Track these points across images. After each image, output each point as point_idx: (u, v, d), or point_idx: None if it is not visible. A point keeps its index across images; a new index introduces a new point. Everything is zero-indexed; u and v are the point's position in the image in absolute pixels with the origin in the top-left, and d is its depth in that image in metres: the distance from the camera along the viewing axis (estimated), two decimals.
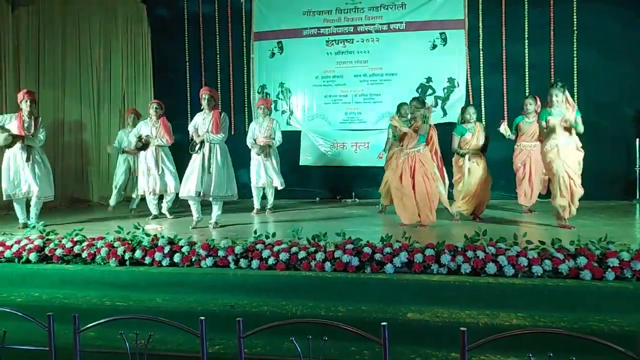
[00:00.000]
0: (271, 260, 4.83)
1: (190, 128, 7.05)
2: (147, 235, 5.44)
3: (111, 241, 5.33)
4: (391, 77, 10.30)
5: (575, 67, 9.35)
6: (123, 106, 10.58)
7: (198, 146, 6.87)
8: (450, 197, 7.30)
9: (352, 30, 10.48)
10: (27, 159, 7.13)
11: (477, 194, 7.05)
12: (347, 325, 2.50)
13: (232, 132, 10.47)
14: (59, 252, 5.33)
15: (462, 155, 7.08)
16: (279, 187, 8.39)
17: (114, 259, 5.14)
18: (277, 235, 5.25)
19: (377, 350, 2.46)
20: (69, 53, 9.97)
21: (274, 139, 8.34)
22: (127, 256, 5.14)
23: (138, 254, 5.14)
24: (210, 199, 6.89)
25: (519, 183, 7.69)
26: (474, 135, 7.08)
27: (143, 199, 8.34)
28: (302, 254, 4.80)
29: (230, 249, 5.00)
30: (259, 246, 4.99)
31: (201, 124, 6.96)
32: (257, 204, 8.60)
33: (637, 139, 9.11)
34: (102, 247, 5.25)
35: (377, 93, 10.37)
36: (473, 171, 7.05)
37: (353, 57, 10.51)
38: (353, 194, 10.33)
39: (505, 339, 2.37)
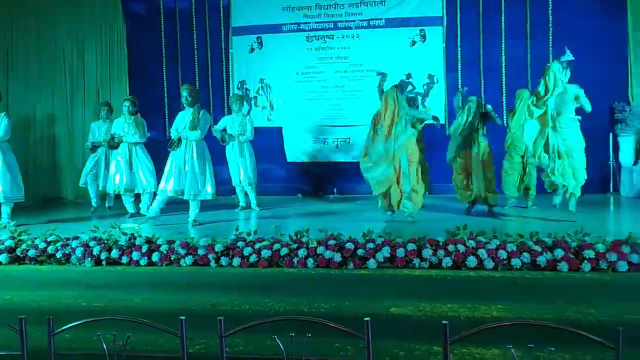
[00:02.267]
0: (253, 258, 4.81)
1: (173, 131, 6.99)
2: (124, 234, 5.36)
3: (87, 241, 5.24)
4: (371, 73, 10.24)
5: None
6: (97, 100, 10.36)
7: (176, 143, 6.82)
8: None
9: (332, 27, 10.43)
10: None
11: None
12: (330, 321, 2.49)
13: (211, 128, 10.38)
14: (31, 252, 5.24)
15: None
16: (249, 185, 8.34)
17: (89, 258, 5.07)
18: (258, 232, 5.22)
19: (361, 346, 2.46)
20: (41, 46, 9.76)
21: (243, 134, 8.29)
22: (103, 256, 5.07)
23: (115, 253, 5.08)
24: (186, 197, 6.82)
25: None
26: None
27: (119, 196, 8.20)
28: (284, 251, 4.80)
29: (210, 247, 4.96)
30: (240, 244, 4.96)
31: (181, 122, 6.92)
32: (241, 201, 8.58)
33: (611, 134, 9.26)
34: (77, 247, 5.17)
35: (358, 89, 10.34)
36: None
37: (333, 53, 10.47)
38: (335, 189, 10.31)
39: (486, 331, 2.39)
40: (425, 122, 7.93)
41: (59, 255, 5.20)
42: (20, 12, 9.45)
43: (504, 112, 9.25)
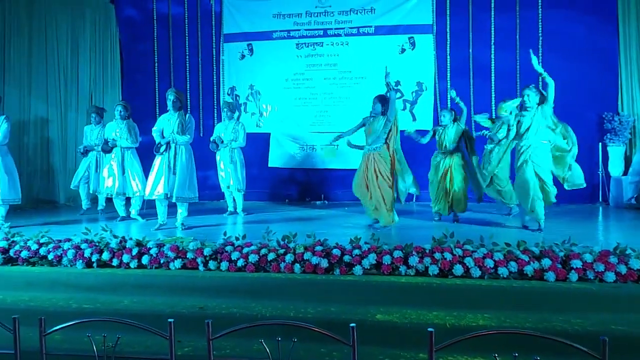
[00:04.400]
0: (241, 262, 4.82)
1: (155, 133, 6.96)
2: (115, 237, 5.37)
3: (78, 243, 5.25)
4: (360, 80, 10.38)
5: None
6: (90, 106, 10.41)
7: (163, 147, 6.82)
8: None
9: (322, 34, 10.53)
10: None
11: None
12: (316, 326, 2.51)
13: (201, 134, 10.42)
14: (24, 254, 5.25)
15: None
16: (238, 191, 8.37)
17: (81, 260, 5.08)
18: (246, 237, 5.24)
19: (346, 352, 2.48)
20: (35, 52, 9.77)
21: (235, 141, 8.32)
22: (94, 258, 5.08)
23: (105, 255, 5.09)
24: (175, 200, 6.84)
25: None
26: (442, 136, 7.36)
27: (110, 200, 8.24)
28: (271, 256, 4.81)
29: (199, 250, 4.97)
30: (228, 248, 4.98)
31: (167, 125, 6.91)
32: (229, 206, 8.60)
33: (600, 143, 9.32)
34: (69, 249, 5.18)
35: (347, 96, 10.43)
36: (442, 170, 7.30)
37: (323, 60, 10.56)
38: (322, 195, 10.36)
39: (471, 339, 2.41)
40: None
41: (50, 257, 5.21)
42: (14, 18, 9.45)
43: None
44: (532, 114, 6.30)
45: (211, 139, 8.41)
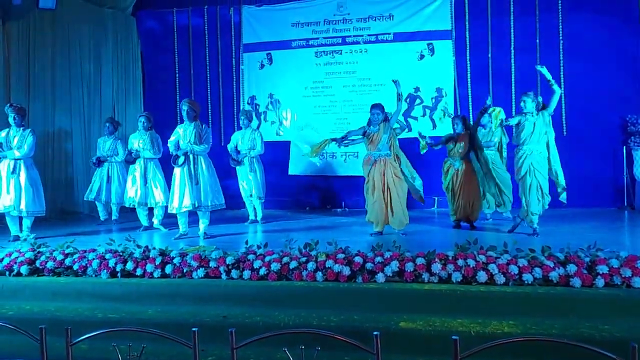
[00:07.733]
0: (263, 271, 4.83)
1: (170, 144, 7.00)
2: (139, 246, 5.42)
3: (103, 253, 5.32)
4: (379, 87, 10.35)
5: (562, 75, 9.44)
6: (113, 116, 10.55)
7: (182, 159, 6.85)
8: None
9: (340, 42, 10.55)
10: (12, 172, 7.08)
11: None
12: (339, 335, 2.51)
13: (222, 143, 10.49)
14: (50, 264, 5.32)
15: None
16: (259, 199, 8.40)
17: (105, 270, 5.13)
18: (268, 246, 5.25)
19: None
20: (58, 66, 9.95)
21: (254, 149, 8.35)
22: (118, 268, 5.13)
23: (129, 265, 5.13)
24: (201, 210, 6.89)
25: None
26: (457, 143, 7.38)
27: (132, 210, 8.33)
28: (293, 264, 4.81)
29: (221, 259, 5.00)
30: (250, 257, 4.99)
31: (182, 136, 6.97)
32: (250, 214, 8.64)
33: (624, 147, 9.19)
34: (93, 259, 5.24)
35: (366, 103, 10.33)
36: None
37: (342, 67, 10.57)
38: (343, 203, 10.36)
39: (497, 347, 2.39)
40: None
41: (76, 267, 5.27)
42: (38, 33, 9.64)
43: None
44: (534, 119, 6.40)
45: (228, 148, 8.43)
